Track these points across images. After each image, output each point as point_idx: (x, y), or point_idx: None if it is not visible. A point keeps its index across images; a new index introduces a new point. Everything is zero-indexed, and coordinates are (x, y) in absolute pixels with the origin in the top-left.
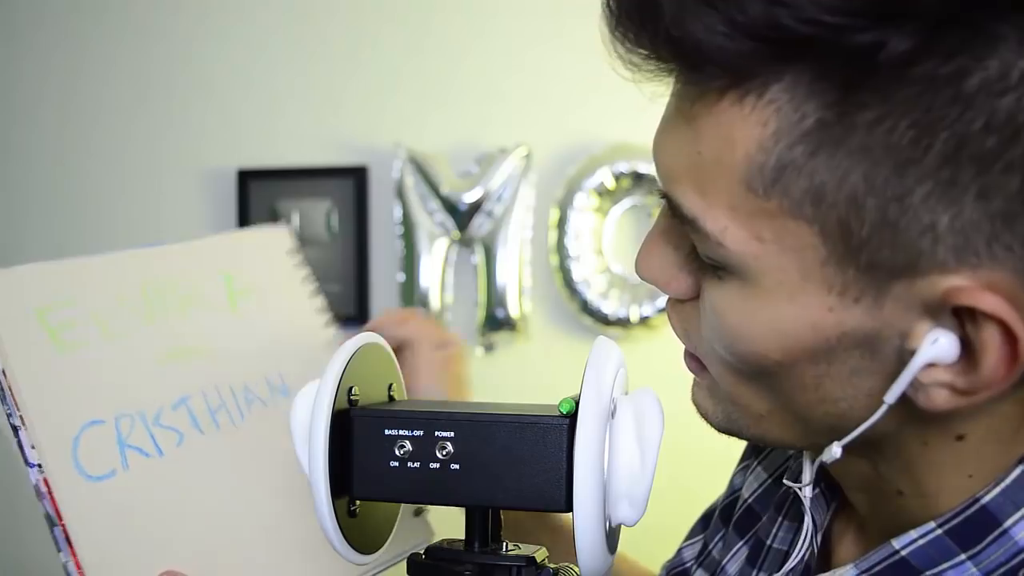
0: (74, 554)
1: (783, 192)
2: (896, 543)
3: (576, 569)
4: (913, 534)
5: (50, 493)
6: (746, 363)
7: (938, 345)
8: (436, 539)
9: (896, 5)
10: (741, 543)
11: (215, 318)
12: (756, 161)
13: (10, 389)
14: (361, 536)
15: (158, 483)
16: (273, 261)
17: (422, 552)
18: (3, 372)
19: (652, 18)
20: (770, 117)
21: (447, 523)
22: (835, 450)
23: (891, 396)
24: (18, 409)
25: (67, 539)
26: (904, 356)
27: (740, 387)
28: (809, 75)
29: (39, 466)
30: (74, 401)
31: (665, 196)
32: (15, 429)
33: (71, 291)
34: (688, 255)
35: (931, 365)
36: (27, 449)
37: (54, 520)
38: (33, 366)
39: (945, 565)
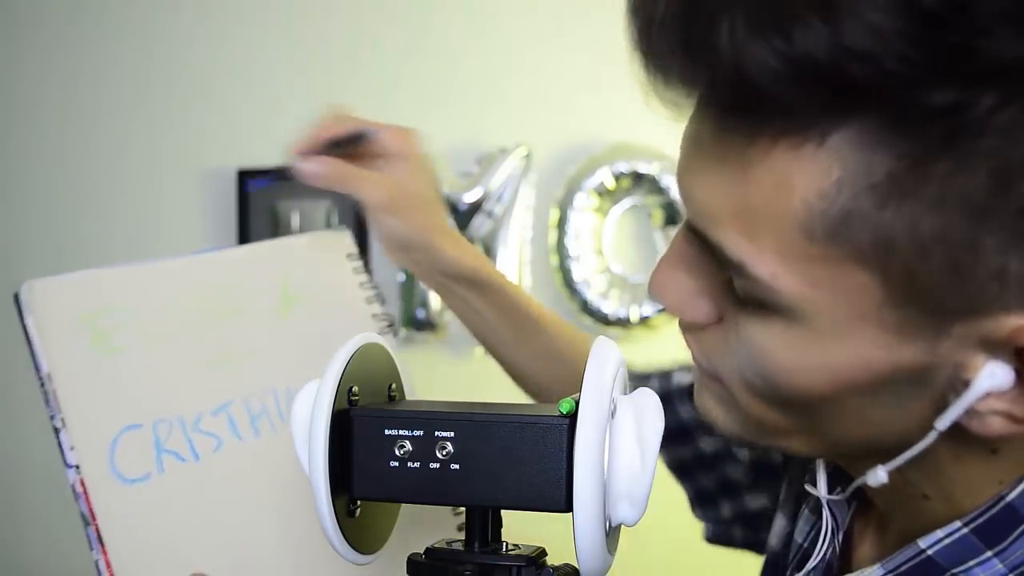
0: (105, 553)
1: (844, 239)
2: (922, 543)
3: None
4: (939, 533)
5: (86, 494)
6: (784, 394)
7: (995, 377)
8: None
9: (983, 64)
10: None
11: (264, 324)
12: (816, 208)
13: (53, 392)
14: (361, 536)
15: (192, 488)
16: (331, 266)
17: (422, 552)
18: (48, 376)
19: (705, 59)
20: (832, 166)
21: (447, 523)
22: (880, 475)
23: (943, 423)
24: (60, 411)
25: (99, 539)
26: (956, 384)
27: (765, 409)
28: (878, 125)
29: (77, 467)
30: (114, 405)
31: (692, 228)
32: (56, 431)
33: (119, 297)
34: (709, 283)
35: (987, 395)
36: (66, 450)
37: (88, 520)
38: (76, 370)
39: (972, 562)
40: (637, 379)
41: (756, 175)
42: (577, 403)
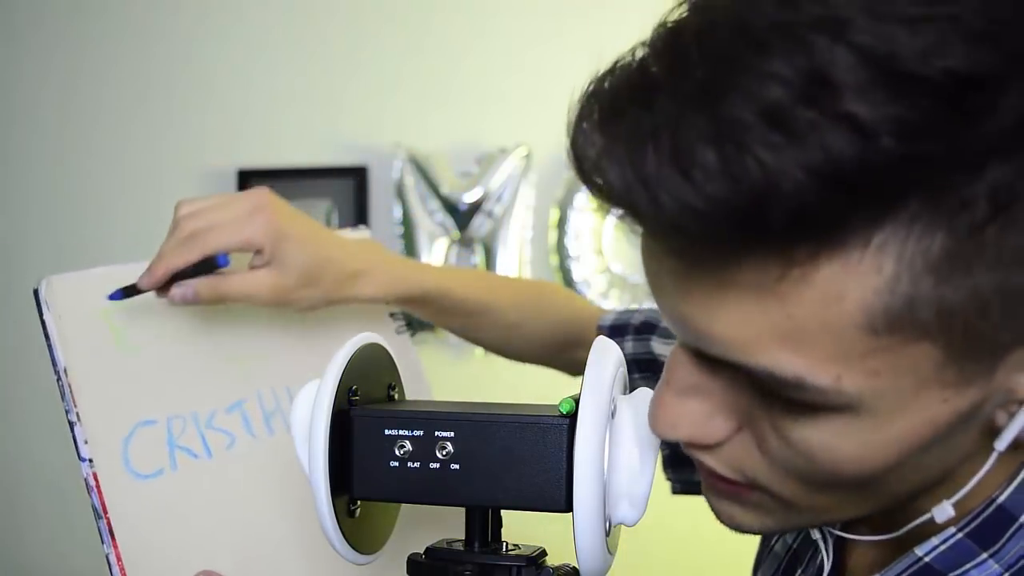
0: (116, 546)
1: (909, 323)
2: (919, 551)
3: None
4: (935, 540)
5: (98, 487)
6: (848, 480)
7: None
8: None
9: (985, 134)
10: None
11: (280, 325)
12: (876, 306)
13: (69, 387)
14: (361, 536)
15: (205, 485)
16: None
17: (422, 552)
18: (64, 370)
19: (726, 180)
20: (884, 263)
21: (446, 523)
22: (948, 509)
23: (1002, 444)
24: (75, 406)
25: (110, 532)
26: (1009, 406)
27: (817, 495)
28: (924, 211)
29: (90, 461)
30: (129, 401)
31: (703, 355)
32: (71, 424)
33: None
34: (720, 400)
35: None
36: (80, 444)
37: (99, 513)
38: (93, 366)
39: (968, 565)
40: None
41: (797, 294)
42: (577, 403)
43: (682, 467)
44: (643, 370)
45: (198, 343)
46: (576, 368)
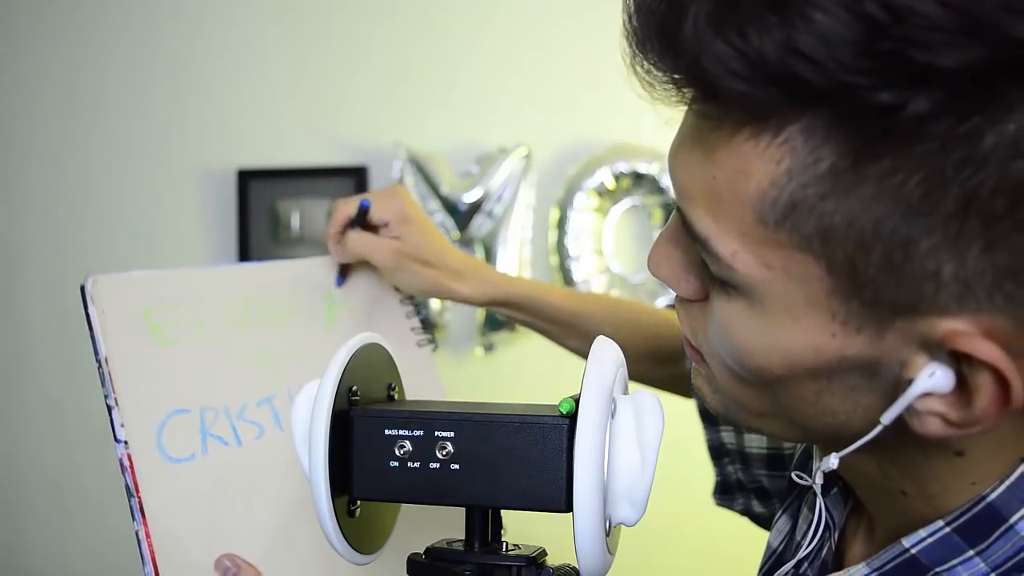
0: (145, 524)
1: (793, 227)
2: (906, 542)
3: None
4: (922, 532)
5: (131, 467)
6: (748, 372)
7: (934, 378)
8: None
9: (918, 69)
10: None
11: (308, 331)
12: (768, 195)
13: (109, 374)
14: (361, 536)
15: (233, 470)
16: (373, 283)
17: (422, 552)
18: (105, 359)
19: (673, 47)
20: (784, 156)
21: (446, 523)
22: (832, 461)
23: (887, 418)
24: (114, 391)
25: (141, 510)
26: (901, 382)
27: (740, 388)
28: (826, 122)
29: (125, 443)
30: (165, 390)
31: (679, 208)
32: (109, 409)
33: (176, 296)
34: (696, 260)
35: (927, 395)
36: (117, 427)
37: (132, 492)
38: (132, 356)
39: (954, 561)
40: None
41: (720, 159)
42: (577, 403)
43: (728, 493)
44: None
45: (229, 344)
46: (674, 384)
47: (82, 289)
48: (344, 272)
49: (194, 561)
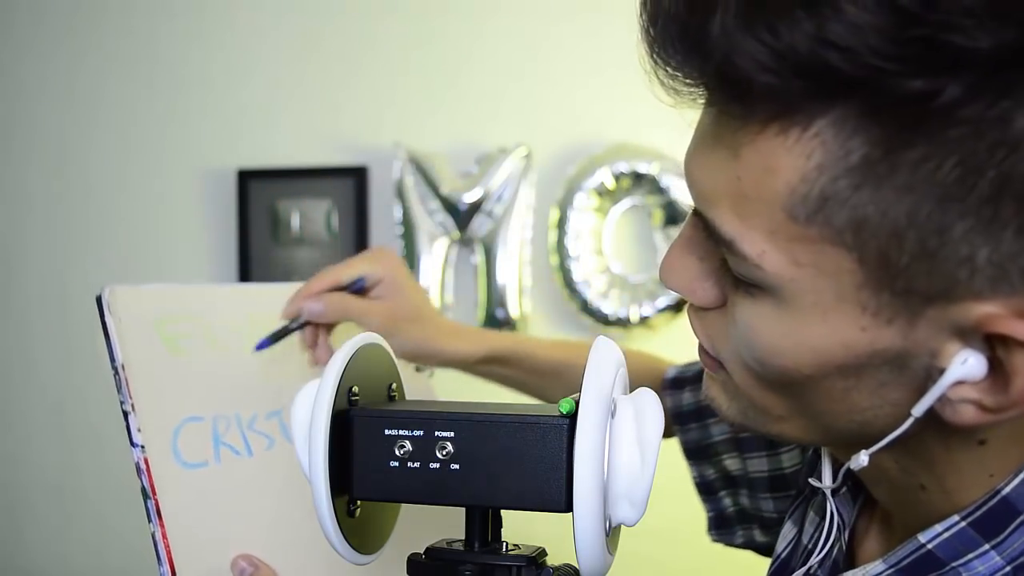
0: (162, 525)
1: (824, 221)
2: (922, 537)
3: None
4: (938, 527)
5: (148, 470)
6: (774, 374)
7: (968, 365)
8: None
9: (950, 55)
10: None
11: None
12: (799, 191)
13: (126, 380)
14: (361, 536)
15: (244, 478)
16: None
17: (422, 552)
18: (122, 365)
19: (699, 49)
20: (815, 150)
21: (446, 523)
22: (862, 458)
23: (919, 410)
24: (131, 397)
25: (158, 512)
26: (932, 372)
27: (762, 392)
28: (856, 112)
29: (142, 447)
30: (179, 398)
31: (697, 213)
32: (125, 414)
33: (187, 309)
34: (714, 266)
35: (960, 383)
36: (133, 431)
37: (148, 494)
38: (148, 364)
39: (971, 555)
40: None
41: (746, 157)
42: (577, 403)
43: (726, 527)
44: (700, 418)
45: (240, 357)
46: None
47: (99, 299)
48: (280, 336)
49: (210, 562)
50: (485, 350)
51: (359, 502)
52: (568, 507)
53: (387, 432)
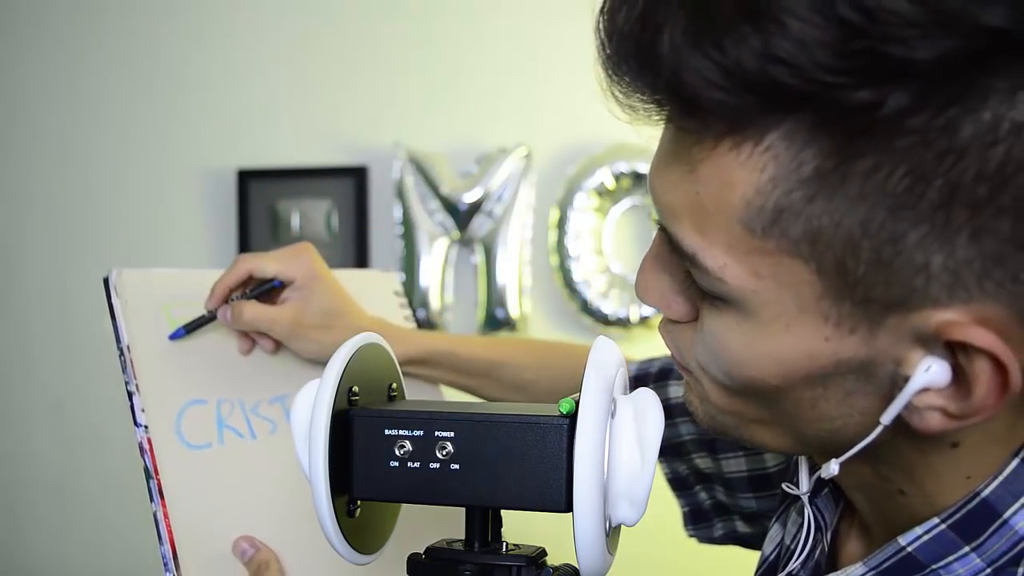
0: (164, 504)
1: (780, 233)
2: (902, 540)
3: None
4: (918, 530)
5: (151, 450)
6: (742, 384)
7: (931, 372)
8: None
9: (894, 65)
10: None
11: None
12: (754, 204)
13: (131, 361)
14: (361, 536)
15: (247, 461)
16: (381, 299)
17: (422, 552)
18: (127, 347)
19: (650, 66)
20: (767, 163)
21: (447, 523)
22: (832, 467)
23: (887, 418)
24: (135, 378)
25: (160, 491)
26: (898, 380)
27: (730, 400)
28: (806, 125)
29: (145, 427)
30: (184, 381)
31: (663, 228)
32: (130, 395)
33: (192, 293)
34: (684, 281)
35: (925, 390)
36: (137, 411)
37: (151, 474)
38: (152, 347)
39: (950, 558)
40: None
41: (703, 172)
42: (577, 403)
43: (704, 521)
44: (669, 416)
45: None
46: None
47: (106, 280)
48: (195, 327)
49: (211, 543)
50: (408, 353)
51: (359, 502)
52: (568, 507)
53: (387, 432)
